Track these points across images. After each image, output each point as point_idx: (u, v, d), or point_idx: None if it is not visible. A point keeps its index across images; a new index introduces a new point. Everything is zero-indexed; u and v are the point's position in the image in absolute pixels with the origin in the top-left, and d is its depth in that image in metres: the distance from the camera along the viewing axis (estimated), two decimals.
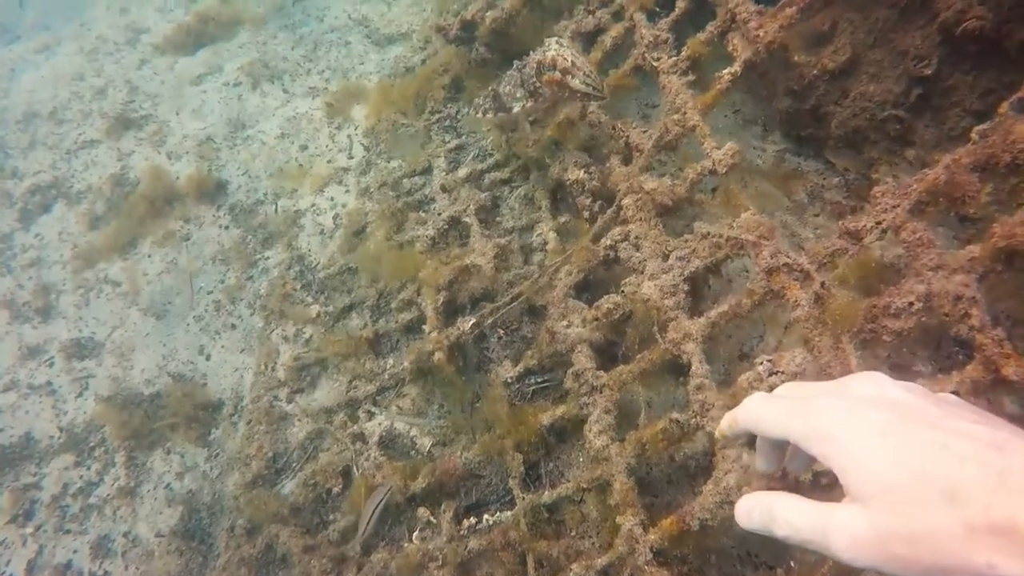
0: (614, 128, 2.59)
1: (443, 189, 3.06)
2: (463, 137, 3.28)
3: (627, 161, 2.57)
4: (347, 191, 3.41)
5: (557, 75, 2.42)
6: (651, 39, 2.61)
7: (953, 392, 1.21)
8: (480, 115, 2.73)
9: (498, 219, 2.85)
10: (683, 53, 2.52)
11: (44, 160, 4.00)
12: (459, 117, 3.38)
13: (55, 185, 3.87)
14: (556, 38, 2.53)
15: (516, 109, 2.60)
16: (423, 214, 3.05)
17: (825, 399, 0.79)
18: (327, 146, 3.63)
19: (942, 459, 0.67)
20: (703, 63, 2.58)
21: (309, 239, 3.26)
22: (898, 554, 0.67)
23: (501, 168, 3.03)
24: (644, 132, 2.54)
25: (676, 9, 2.65)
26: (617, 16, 3.01)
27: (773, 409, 0.84)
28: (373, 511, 2.20)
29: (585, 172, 2.56)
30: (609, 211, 2.45)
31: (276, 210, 3.43)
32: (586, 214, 2.58)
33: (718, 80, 2.36)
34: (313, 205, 3.40)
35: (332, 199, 3.39)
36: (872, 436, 0.72)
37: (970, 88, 2.50)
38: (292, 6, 4.56)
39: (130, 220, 3.52)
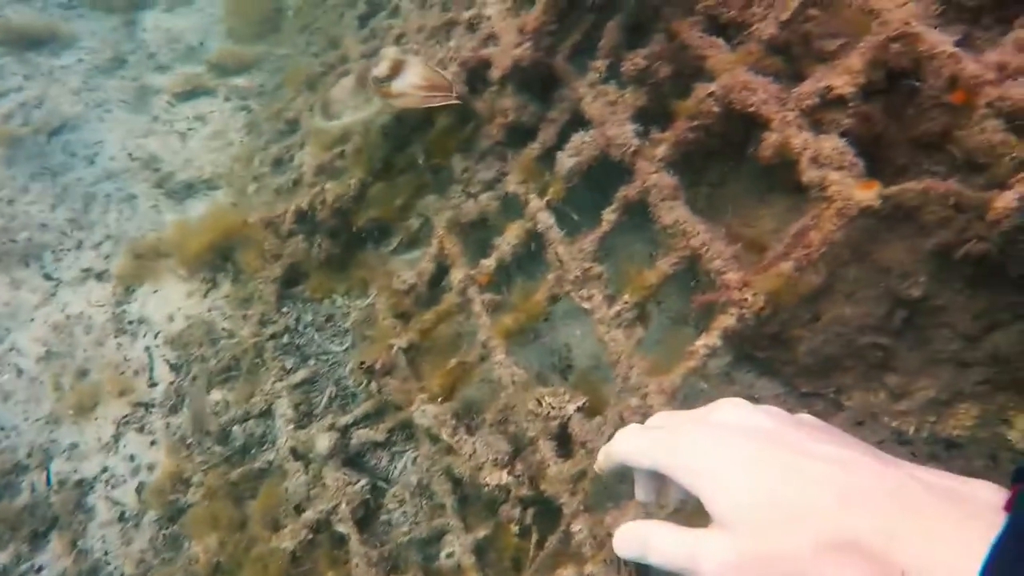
0: (540, 403, 1.88)
1: (295, 455, 2.22)
2: (311, 362, 2.45)
3: (563, 446, 1.87)
4: (153, 442, 2.47)
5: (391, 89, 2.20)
6: (579, 273, 1.93)
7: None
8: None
9: (384, 516, 2.07)
10: (626, 296, 1.88)
11: None
12: (301, 329, 2.54)
13: None
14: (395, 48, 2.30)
15: (347, 120, 2.42)
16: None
17: (688, 429, 0.83)
18: (117, 368, 2.65)
19: (795, 481, 0.71)
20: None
21: (104, 532, 2.30)
22: None
23: (373, 423, 2.24)
24: (582, 412, 1.85)
25: (603, 223, 1.99)
26: (508, 206, 2.33)
27: (642, 441, 0.87)
28: None
29: (510, 474, 1.84)
30: (554, 538, 1.75)
31: (48, 481, 2.42)
32: (515, 528, 1.86)
33: (690, 355, 1.72)
34: (105, 469, 2.43)
35: (132, 457, 2.44)
36: (732, 463, 0.75)
37: (962, 309, 2.03)
38: (48, 143, 3.46)
39: None
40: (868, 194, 1.57)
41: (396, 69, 2.23)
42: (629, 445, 0.89)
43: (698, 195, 2.33)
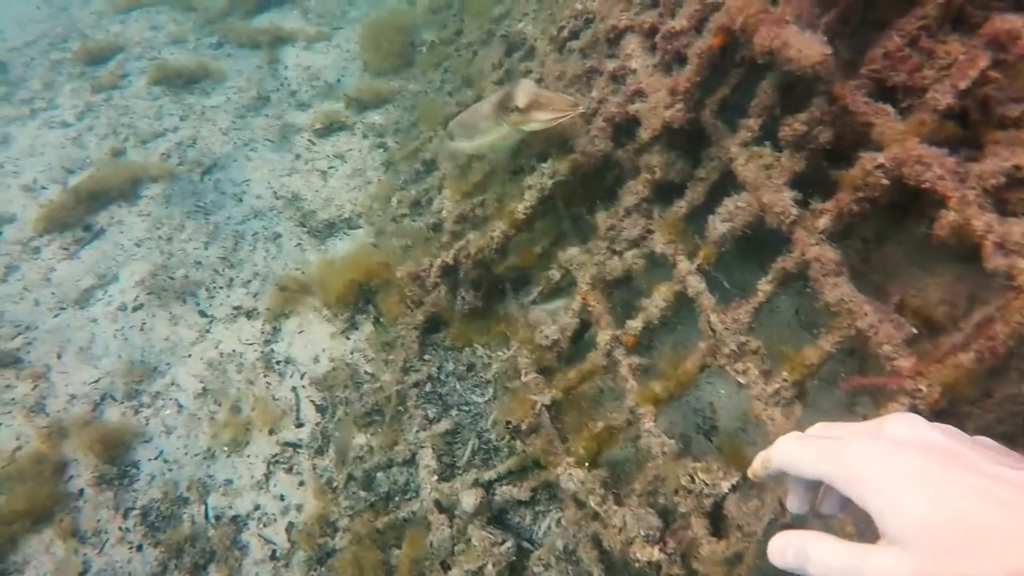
0: (693, 479, 1.86)
1: (439, 507, 2.27)
2: (453, 412, 2.50)
3: (715, 525, 1.84)
4: (301, 483, 2.57)
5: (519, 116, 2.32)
6: (734, 347, 1.89)
7: None
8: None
9: None
10: (784, 374, 1.83)
11: None
12: (443, 378, 2.60)
13: None
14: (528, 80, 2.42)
15: (477, 141, 2.54)
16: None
17: (861, 440, 0.79)
18: (267, 405, 2.78)
19: (981, 504, 0.67)
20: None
21: (257, 569, 2.41)
22: None
23: (516, 480, 2.26)
24: (735, 490, 1.81)
25: (758, 294, 1.95)
26: (654, 262, 2.30)
27: (808, 449, 0.83)
28: None
29: (662, 551, 1.82)
30: None
31: (207, 515, 2.56)
32: None
33: None
34: (257, 507, 2.55)
35: (282, 497, 2.55)
36: (909, 479, 0.71)
37: None
38: (201, 181, 3.67)
39: None
40: None
41: (528, 99, 2.31)
42: (792, 451, 0.84)
43: (850, 249, 2.24)
